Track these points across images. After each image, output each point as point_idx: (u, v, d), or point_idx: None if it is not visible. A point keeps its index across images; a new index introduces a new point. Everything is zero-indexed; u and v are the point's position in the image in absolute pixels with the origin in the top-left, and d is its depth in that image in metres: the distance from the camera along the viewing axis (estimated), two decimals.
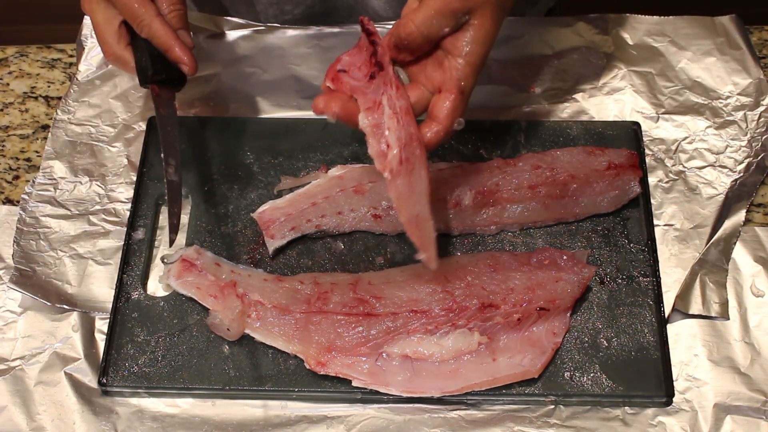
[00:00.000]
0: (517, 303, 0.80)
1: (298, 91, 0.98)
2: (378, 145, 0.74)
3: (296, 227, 0.87)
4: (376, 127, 0.75)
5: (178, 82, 0.85)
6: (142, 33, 0.83)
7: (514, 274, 0.81)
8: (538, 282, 0.81)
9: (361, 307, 0.80)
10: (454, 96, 0.75)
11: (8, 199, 0.92)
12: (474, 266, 0.82)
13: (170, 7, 0.84)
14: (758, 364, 0.81)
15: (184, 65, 0.83)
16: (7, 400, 0.79)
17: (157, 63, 0.83)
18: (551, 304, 0.80)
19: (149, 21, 0.82)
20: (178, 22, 0.84)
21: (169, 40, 0.82)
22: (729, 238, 0.87)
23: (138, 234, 0.87)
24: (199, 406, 0.80)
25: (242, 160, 0.92)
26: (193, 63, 0.84)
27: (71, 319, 0.84)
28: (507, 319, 0.79)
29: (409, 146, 0.74)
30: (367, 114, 0.75)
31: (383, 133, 0.74)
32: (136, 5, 0.81)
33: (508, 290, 0.80)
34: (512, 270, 0.82)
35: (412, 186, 0.75)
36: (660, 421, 0.78)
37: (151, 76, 0.84)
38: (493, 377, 0.78)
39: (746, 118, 0.95)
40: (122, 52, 0.85)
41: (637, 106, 0.96)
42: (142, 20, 0.82)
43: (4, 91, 1.00)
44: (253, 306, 0.81)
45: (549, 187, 0.87)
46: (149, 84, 0.84)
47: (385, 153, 0.74)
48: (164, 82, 0.85)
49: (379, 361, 0.78)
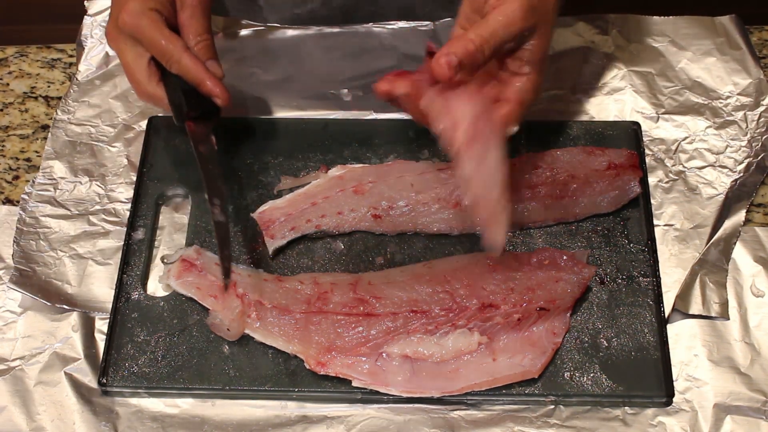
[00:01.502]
0: (517, 303, 0.80)
1: (298, 91, 0.98)
2: (448, 121, 0.72)
3: (296, 227, 0.87)
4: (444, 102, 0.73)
5: (212, 114, 0.85)
6: (171, 69, 0.82)
7: (514, 274, 0.81)
8: (538, 282, 0.81)
9: (361, 307, 0.80)
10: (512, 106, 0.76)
11: (8, 199, 0.92)
12: (474, 266, 0.82)
13: (197, 38, 0.83)
14: (758, 364, 0.81)
15: (217, 98, 0.82)
16: (6, 400, 0.79)
17: (191, 98, 0.83)
18: (551, 304, 0.80)
19: (178, 56, 0.81)
20: (206, 52, 0.83)
21: (200, 74, 0.81)
22: (729, 238, 0.87)
23: (138, 234, 0.87)
24: (199, 406, 0.80)
25: (242, 160, 0.92)
26: (226, 95, 0.83)
27: (71, 319, 0.84)
28: (507, 319, 0.79)
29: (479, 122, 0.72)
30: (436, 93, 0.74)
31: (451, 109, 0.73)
32: (164, 42, 0.80)
33: (508, 290, 0.80)
34: (512, 270, 0.82)
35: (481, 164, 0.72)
36: (660, 421, 0.78)
37: (186, 113, 0.83)
38: (493, 377, 0.78)
39: (746, 118, 0.95)
40: (155, 89, 0.84)
41: (637, 106, 0.96)
42: (171, 56, 0.81)
43: (4, 91, 1.00)
44: (253, 306, 0.81)
45: (549, 187, 0.87)
46: (185, 121, 0.84)
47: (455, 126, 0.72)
48: (199, 117, 0.84)
49: (379, 361, 0.78)
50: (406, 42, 1.01)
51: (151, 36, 0.81)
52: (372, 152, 0.92)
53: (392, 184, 0.88)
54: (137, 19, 0.80)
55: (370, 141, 0.92)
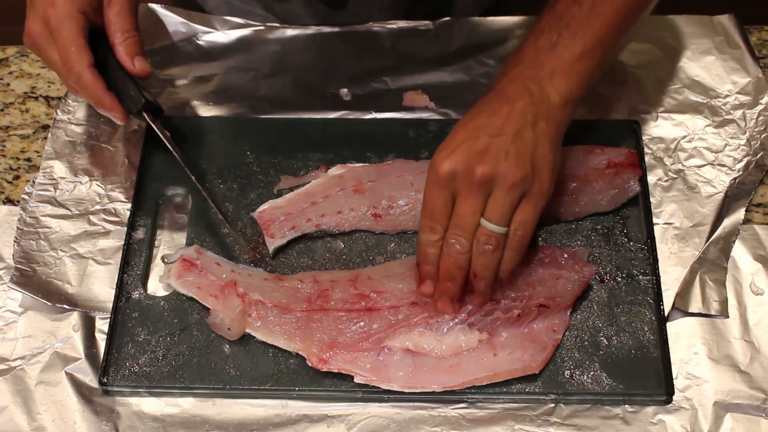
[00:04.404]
0: (517, 298, 0.80)
1: (298, 91, 0.98)
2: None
3: (296, 226, 0.87)
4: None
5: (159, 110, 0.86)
6: (69, 81, 0.81)
7: (515, 270, 0.81)
8: (538, 278, 0.81)
9: (362, 302, 0.81)
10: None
11: (8, 199, 0.92)
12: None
13: (125, 34, 0.83)
14: (758, 362, 0.81)
15: (116, 117, 0.83)
16: (7, 400, 0.79)
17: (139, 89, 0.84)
18: (551, 301, 0.80)
19: (80, 70, 0.80)
20: (134, 48, 0.83)
21: (99, 92, 0.81)
22: (728, 237, 0.87)
23: (138, 234, 0.87)
24: (199, 406, 0.80)
25: (242, 160, 0.92)
26: (125, 115, 0.83)
27: (71, 319, 0.84)
28: (507, 314, 0.79)
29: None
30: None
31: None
32: (73, 50, 0.80)
33: (508, 285, 0.80)
34: None
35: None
36: (660, 419, 0.78)
37: (144, 104, 0.83)
38: (494, 372, 0.78)
39: (745, 116, 0.95)
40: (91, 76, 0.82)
41: (637, 105, 0.96)
42: (73, 68, 0.80)
43: (5, 91, 1.00)
44: (253, 305, 0.81)
45: None
46: (143, 112, 0.84)
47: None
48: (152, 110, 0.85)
49: (380, 356, 0.79)
50: (406, 42, 1.01)
51: (65, 41, 0.80)
52: (372, 151, 0.92)
53: (392, 183, 0.88)
54: (62, 19, 0.80)
55: (370, 140, 0.92)
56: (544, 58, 0.78)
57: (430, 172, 0.76)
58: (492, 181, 0.74)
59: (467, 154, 0.74)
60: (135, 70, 0.83)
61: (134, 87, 0.83)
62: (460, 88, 0.98)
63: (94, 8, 0.82)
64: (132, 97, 0.83)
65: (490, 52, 1.00)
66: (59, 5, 0.80)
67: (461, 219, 0.75)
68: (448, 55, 1.00)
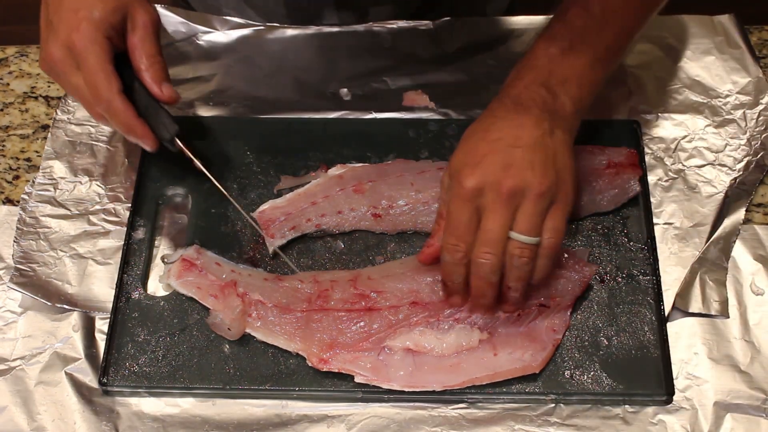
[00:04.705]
0: None
1: (298, 91, 0.98)
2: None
3: (296, 226, 0.87)
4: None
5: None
6: (99, 108, 0.79)
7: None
8: None
9: (362, 302, 0.81)
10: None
11: (8, 199, 0.92)
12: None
13: (150, 59, 0.81)
14: (758, 362, 0.81)
15: (147, 145, 0.81)
16: (7, 400, 0.79)
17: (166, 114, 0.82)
18: (551, 301, 0.80)
19: (110, 97, 0.78)
20: (161, 74, 0.81)
21: (131, 120, 0.79)
22: (728, 237, 0.87)
23: (138, 234, 0.87)
24: (199, 406, 0.80)
25: (242, 160, 0.92)
26: (156, 144, 0.81)
27: (71, 319, 0.84)
28: (507, 314, 0.79)
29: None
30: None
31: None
32: (102, 78, 0.77)
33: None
34: None
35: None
36: (660, 420, 0.78)
37: (177, 130, 0.82)
38: (494, 371, 0.78)
39: (745, 116, 0.95)
40: (122, 103, 0.79)
41: (637, 105, 0.96)
42: (102, 95, 0.78)
43: (4, 91, 1.00)
44: (253, 305, 0.81)
45: None
46: (174, 138, 0.82)
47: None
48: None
49: (381, 356, 0.79)
50: (406, 42, 1.01)
51: (92, 67, 0.77)
52: (372, 151, 0.92)
53: (392, 183, 0.88)
54: (88, 44, 0.77)
55: (370, 140, 0.92)
56: (556, 65, 0.79)
57: (456, 187, 0.75)
58: (520, 194, 0.74)
59: (493, 169, 0.74)
60: (162, 96, 0.81)
61: (165, 113, 0.82)
62: (460, 88, 0.98)
63: (118, 33, 0.79)
64: (164, 123, 0.82)
65: (490, 52, 1.00)
66: (84, 30, 0.77)
67: (490, 233, 0.74)
68: (448, 55, 1.00)
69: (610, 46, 0.81)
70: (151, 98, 0.81)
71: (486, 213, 0.74)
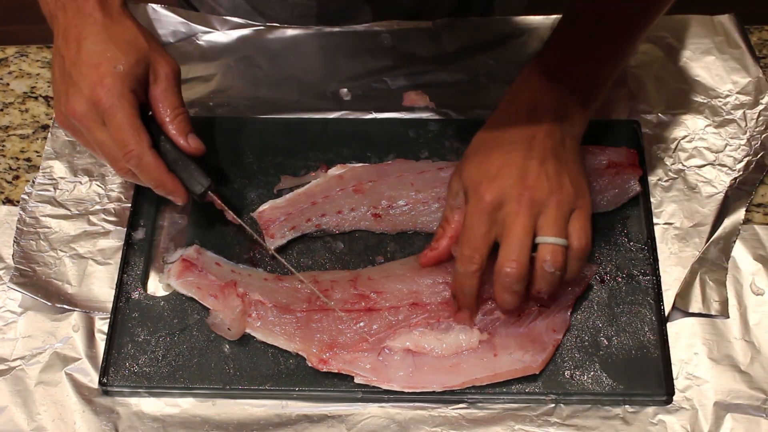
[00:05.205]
0: None
1: (298, 91, 0.98)
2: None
3: (296, 226, 0.87)
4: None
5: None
6: (129, 164, 0.77)
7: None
8: None
9: (362, 302, 0.81)
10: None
11: (8, 199, 0.92)
12: None
13: (175, 111, 0.79)
14: (758, 363, 0.81)
15: (177, 199, 0.80)
16: (7, 400, 0.79)
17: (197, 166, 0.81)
18: (552, 301, 0.80)
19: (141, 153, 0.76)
20: (185, 126, 0.80)
21: (162, 174, 0.78)
22: (729, 237, 0.87)
23: (138, 234, 0.87)
24: (199, 406, 0.80)
25: (242, 160, 0.92)
26: (187, 197, 0.80)
27: (71, 319, 0.84)
28: (507, 314, 0.79)
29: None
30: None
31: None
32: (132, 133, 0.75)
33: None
34: None
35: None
36: (660, 420, 0.78)
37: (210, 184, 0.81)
38: (494, 372, 0.78)
39: (745, 116, 0.95)
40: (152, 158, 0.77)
41: (637, 105, 0.96)
42: (132, 151, 0.76)
43: (4, 91, 1.00)
44: (253, 305, 0.81)
45: None
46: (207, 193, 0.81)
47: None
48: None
49: (381, 356, 0.79)
50: (406, 42, 1.01)
51: (120, 123, 0.75)
52: (372, 151, 0.92)
53: (392, 183, 0.88)
54: (115, 100, 0.75)
55: (370, 140, 0.92)
56: (564, 73, 0.80)
57: (475, 200, 0.76)
58: (541, 203, 0.74)
59: (511, 181, 0.75)
60: (189, 148, 0.80)
61: (195, 166, 0.80)
62: (460, 88, 0.98)
63: (141, 86, 0.78)
64: (195, 177, 0.80)
65: (490, 52, 1.00)
66: (109, 85, 0.75)
67: (515, 241, 0.74)
68: (448, 55, 1.00)
69: (618, 49, 0.81)
70: (179, 151, 0.80)
71: (507, 224, 0.75)
